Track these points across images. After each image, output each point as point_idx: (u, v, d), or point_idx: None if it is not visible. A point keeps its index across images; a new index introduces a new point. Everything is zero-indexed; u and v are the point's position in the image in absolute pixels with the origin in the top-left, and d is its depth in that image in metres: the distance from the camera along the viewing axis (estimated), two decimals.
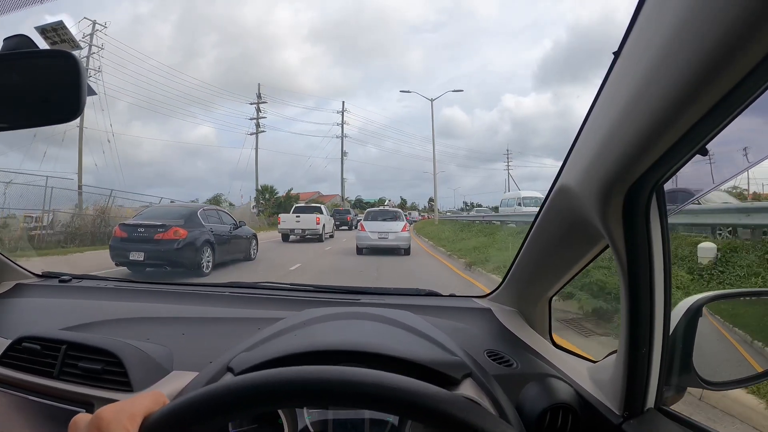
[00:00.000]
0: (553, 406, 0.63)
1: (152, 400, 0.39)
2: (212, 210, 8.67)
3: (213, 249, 7.43)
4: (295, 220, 13.70)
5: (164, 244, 6.83)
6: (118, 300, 1.12)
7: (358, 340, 0.69)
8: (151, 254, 6.75)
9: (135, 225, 7.21)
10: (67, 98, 0.52)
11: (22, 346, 0.76)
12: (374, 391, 0.38)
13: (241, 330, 0.84)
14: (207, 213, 8.04)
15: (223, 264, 7.74)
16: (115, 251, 7.04)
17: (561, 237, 0.75)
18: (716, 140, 0.43)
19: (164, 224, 7.01)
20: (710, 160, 0.49)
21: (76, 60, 0.52)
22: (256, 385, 0.39)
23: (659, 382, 0.59)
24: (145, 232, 6.94)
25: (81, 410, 0.67)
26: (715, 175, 0.54)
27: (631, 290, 0.56)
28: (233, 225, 8.55)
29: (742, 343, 0.67)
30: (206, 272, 7.10)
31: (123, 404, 0.38)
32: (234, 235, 8.39)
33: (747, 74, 0.33)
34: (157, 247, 6.79)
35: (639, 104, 0.43)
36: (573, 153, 0.62)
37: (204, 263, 7.16)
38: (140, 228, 7.04)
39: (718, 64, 0.33)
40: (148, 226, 7.04)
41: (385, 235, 10.34)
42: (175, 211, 8.26)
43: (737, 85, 0.34)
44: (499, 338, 0.87)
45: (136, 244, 6.86)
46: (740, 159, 0.51)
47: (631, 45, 0.44)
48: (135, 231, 7.01)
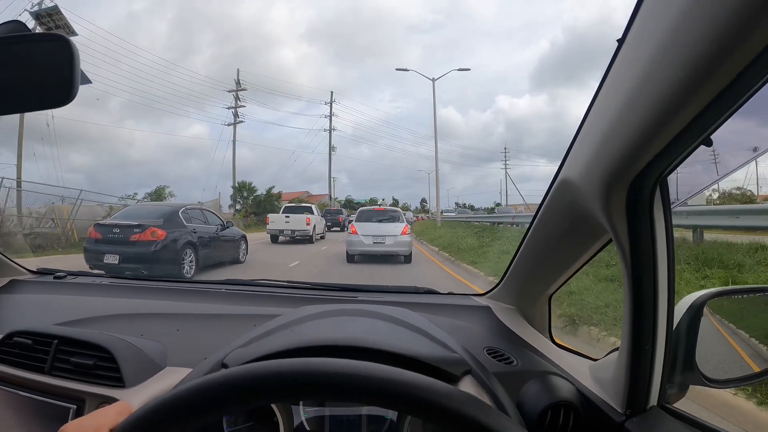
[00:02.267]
0: (554, 404, 0.63)
1: (117, 411, 0.39)
2: (196, 209, 8.35)
3: (196, 251, 7.17)
4: (285, 221, 13.47)
5: (140, 245, 6.56)
6: (113, 296, 1.12)
7: (355, 336, 0.68)
8: (126, 257, 6.45)
9: (110, 225, 6.95)
10: (60, 82, 0.52)
11: (14, 341, 0.75)
12: (372, 384, 0.37)
13: (236, 327, 0.84)
14: (190, 213, 7.75)
15: (209, 267, 7.50)
16: (89, 253, 6.73)
17: (562, 232, 0.75)
18: (721, 130, 0.43)
19: (141, 224, 6.73)
20: (715, 150, 0.48)
21: (70, 43, 0.51)
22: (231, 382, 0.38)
23: (662, 380, 0.59)
24: (121, 233, 6.67)
25: (72, 406, 0.68)
26: (720, 166, 0.54)
27: (634, 285, 0.56)
28: (220, 225, 8.30)
29: (744, 340, 0.67)
30: (188, 276, 6.83)
31: (86, 419, 0.38)
32: (220, 237, 8.13)
33: (754, 60, 0.33)
34: (132, 249, 6.51)
35: (643, 93, 0.42)
36: (575, 145, 0.62)
37: (185, 266, 6.90)
38: (115, 228, 6.77)
39: (724, 50, 0.33)
40: (124, 226, 6.76)
41: (381, 239, 8.73)
42: (154, 210, 7.94)
43: (743, 72, 0.34)
44: (499, 336, 0.88)
45: (111, 246, 6.58)
46: (746, 149, 0.50)
47: (635, 31, 0.44)
48: (110, 232, 6.74)
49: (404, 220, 9.51)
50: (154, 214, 7.26)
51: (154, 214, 7.25)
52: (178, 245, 6.87)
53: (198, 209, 8.47)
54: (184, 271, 6.80)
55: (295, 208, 14.98)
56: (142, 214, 7.54)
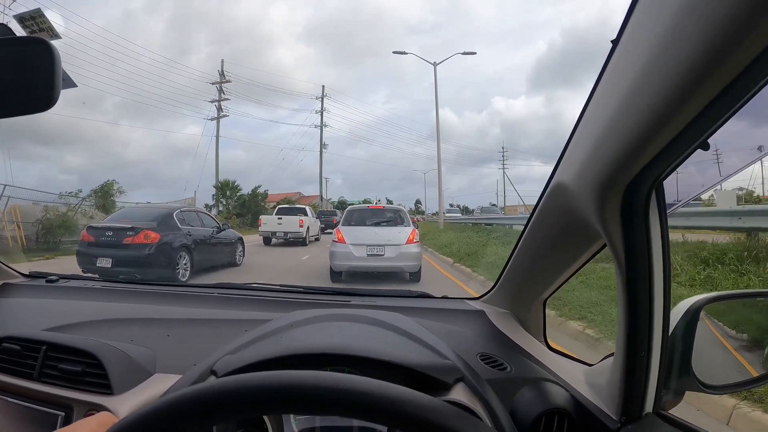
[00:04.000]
0: (548, 410, 0.63)
1: (99, 422, 0.39)
2: (191, 212, 8.32)
3: (191, 254, 7.11)
4: (277, 223, 13.28)
5: (133, 249, 6.50)
6: (105, 300, 1.12)
7: (344, 343, 0.67)
8: (119, 260, 6.40)
9: (103, 228, 6.90)
10: (41, 87, 0.51)
11: (2, 346, 0.75)
12: (356, 397, 0.37)
13: (227, 332, 0.83)
14: (185, 215, 7.71)
15: (205, 270, 7.42)
16: (81, 257, 6.69)
17: (556, 236, 0.75)
18: (719, 133, 0.42)
19: (134, 227, 6.69)
20: (712, 154, 0.47)
21: (51, 47, 0.50)
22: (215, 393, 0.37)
23: (658, 386, 0.59)
24: (114, 236, 6.62)
25: (60, 413, 0.67)
26: (718, 170, 0.53)
27: (629, 291, 0.55)
28: (216, 228, 8.24)
29: (740, 345, 0.67)
30: (183, 280, 6.73)
31: (66, 430, 0.38)
32: (216, 239, 8.07)
33: (751, 63, 0.32)
34: (125, 253, 6.46)
35: (638, 95, 0.42)
36: (569, 148, 0.61)
37: (180, 270, 6.85)
38: (108, 231, 6.72)
39: (721, 53, 0.32)
40: (117, 229, 6.72)
41: (379, 250, 6.41)
42: (148, 212, 7.88)
43: (740, 75, 0.33)
44: (493, 341, 0.87)
45: (104, 249, 6.53)
46: (744, 153, 0.49)
47: (630, 32, 0.43)
48: (103, 235, 6.69)
49: (410, 223, 7.22)
50: (148, 217, 7.21)
51: (148, 217, 7.20)
52: (173, 248, 6.82)
53: (193, 211, 8.43)
54: (178, 275, 6.74)
55: (288, 210, 14.72)
56: (135, 216, 7.47)
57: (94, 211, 14.07)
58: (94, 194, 15.23)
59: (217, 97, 27.92)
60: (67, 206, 12.97)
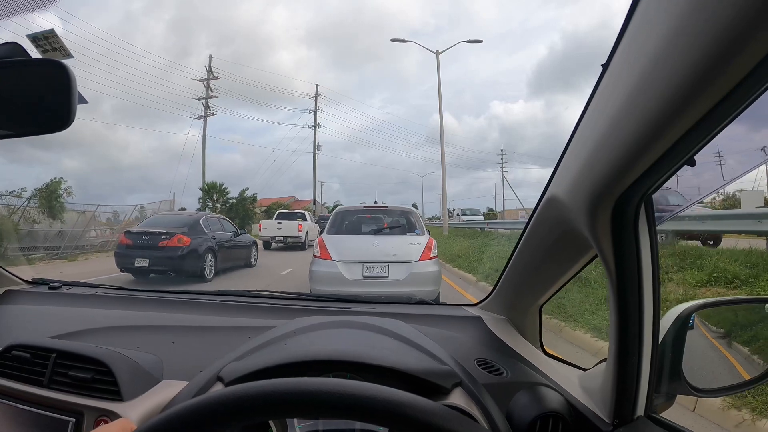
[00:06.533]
0: (543, 414, 0.62)
1: (120, 428, 0.39)
2: (214, 218, 8.92)
3: (215, 256, 7.57)
4: (277, 227, 13.37)
5: (168, 251, 7.03)
6: (108, 308, 1.10)
7: (347, 349, 0.67)
8: (155, 261, 6.93)
9: (140, 233, 7.42)
10: (57, 107, 0.51)
11: (12, 354, 0.74)
12: (358, 401, 0.38)
13: (231, 339, 0.82)
14: (209, 221, 8.28)
15: (225, 270, 7.84)
16: (120, 258, 7.24)
17: (550, 246, 0.74)
18: (704, 151, 0.42)
19: (168, 232, 7.21)
20: (698, 170, 0.49)
21: (67, 69, 0.50)
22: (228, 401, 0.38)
23: (649, 390, 0.58)
24: (150, 239, 7.13)
25: (71, 419, 0.66)
26: (703, 185, 0.54)
27: (620, 299, 0.55)
28: (234, 232, 8.74)
29: (730, 350, 0.67)
30: (209, 278, 7.25)
31: None
32: (235, 243, 8.53)
33: (736, 85, 0.32)
34: (161, 254, 6.98)
35: (628, 116, 0.42)
36: (562, 164, 0.61)
37: (206, 270, 7.31)
38: (145, 236, 7.23)
39: (706, 76, 0.32)
40: (153, 233, 7.21)
41: (380, 269, 4.20)
42: (178, 219, 8.47)
43: (725, 97, 0.33)
44: (490, 347, 0.86)
45: (141, 251, 7.05)
46: (728, 169, 0.51)
47: (619, 57, 0.43)
48: (140, 238, 7.21)
49: (424, 229, 4.84)
50: (178, 223, 7.78)
51: (179, 223, 7.77)
52: (201, 250, 7.29)
53: (215, 218, 9.01)
54: (205, 273, 7.23)
55: (288, 215, 14.72)
56: (167, 222, 8.01)
57: (38, 214, 12.36)
58: (39, 194, 12.74)
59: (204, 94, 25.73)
60: (7, 207, 11.87)
